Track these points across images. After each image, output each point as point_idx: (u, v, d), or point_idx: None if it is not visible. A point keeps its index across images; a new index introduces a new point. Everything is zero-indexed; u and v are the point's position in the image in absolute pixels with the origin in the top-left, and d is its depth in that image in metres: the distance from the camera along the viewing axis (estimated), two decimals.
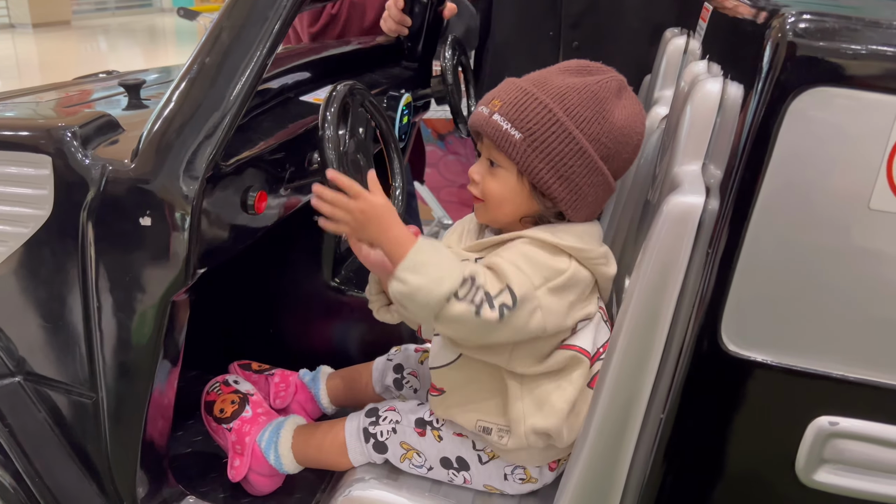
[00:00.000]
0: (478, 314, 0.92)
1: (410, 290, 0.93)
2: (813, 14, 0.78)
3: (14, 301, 1.08)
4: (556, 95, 1.00)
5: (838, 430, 0.86)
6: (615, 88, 1.03)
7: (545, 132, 0.99)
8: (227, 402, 1.33)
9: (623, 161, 1.05)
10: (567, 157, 1.00)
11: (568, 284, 0.99)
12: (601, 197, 1.05)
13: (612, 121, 1.01)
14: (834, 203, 0.80)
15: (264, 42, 0.99)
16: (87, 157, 0.99)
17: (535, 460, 1.11)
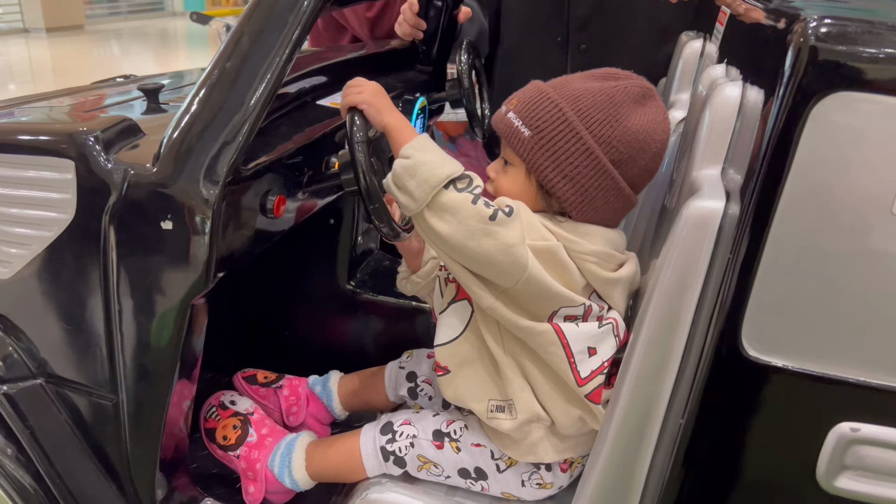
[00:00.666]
0: (474, 203, 0.94)
1: (415, 163, 0.95)
2: (834, 18, 0.78)
3: (36, 304, 1.09)
4: (571, 97, 1.01)
5: (860, 437, 0.85)
6: (636, 94, 1.02)
7: (553, 131, 1.00)
8: (228, 427, 1.31)
9: (640, 169, 1.03)
10: (573, 156, 1.00)
11: (546, 256, 0.98)
12: (613, 202, 1.04)
13: (627, 125, 1.00)
14: (856, 208, 0.80)
15: (284, 47, 0.99)
16: (109, 162, 1.00)
17: (549, 452, 1.10)
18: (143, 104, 1.37)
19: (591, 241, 1.02)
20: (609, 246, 1.05)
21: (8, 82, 7.98)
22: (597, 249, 1.02)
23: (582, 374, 1.02)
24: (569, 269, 1.01)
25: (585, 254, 1.01)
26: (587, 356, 1.02)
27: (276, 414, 1.45)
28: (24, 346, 1.12)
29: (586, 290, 1.04)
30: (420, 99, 1.60)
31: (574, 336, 1.02)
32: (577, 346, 1.02)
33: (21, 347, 1.12)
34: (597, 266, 1.02)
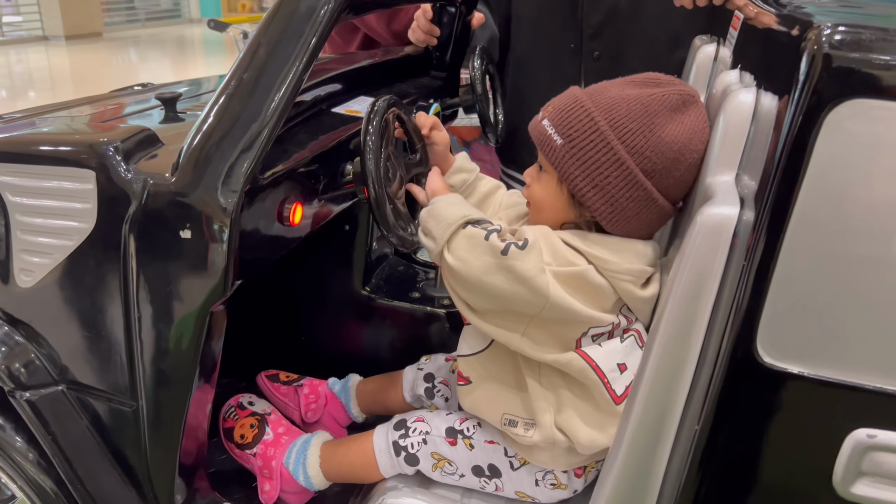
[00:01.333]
0: (486, 238, 0.97)
1: (436, 207, 1.04)
2: (848, 26, 0.78)
3: (58, 311, 1.11)
4: (605, 105, 1.01)
5: (876, 443, 0.85)
6: (675, 102, 1.01)
7: (585, 140, 1.00)
8: (245, 426, 1.34)
9: (675, 180, 1.02)
10: (604, 166, 1.00)
11: (575, 281, 0.98)
12: (646, 214, 1.02)
13: (661, 135, 0.99)
14: (871, 214, 0.80)
15: (301, 57, 1.01)
16: (129, 172, 1.02)
17: (559, 464, 1.11)
18: (160, 113, 1.39)
19: (624, 259, 1.01)
20: (643, 261, 1.03)
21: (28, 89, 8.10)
22: (631, 268, 1.01)
23: (618, 392, 1.02)
24: (601, 289, 1.00)
25: (620, 273, 1.00)
26: (619, 373, 1.03)
27: (296, 412, 1.48)
28: (46, 353, 1.14)
29: (617, 305, 1.04)
30: (434, 105, 1.61)
31: (601, 357, 1.02)
32: (607, 365, 1.02)
33: (43, 354, 1.14)
34: (632, 285, 1.01)
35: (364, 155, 1.11)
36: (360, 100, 1.52)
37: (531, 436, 1.07)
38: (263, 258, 1.12)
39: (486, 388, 1.11)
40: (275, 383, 1.51)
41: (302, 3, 1.03)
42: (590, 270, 0.99)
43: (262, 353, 1.66)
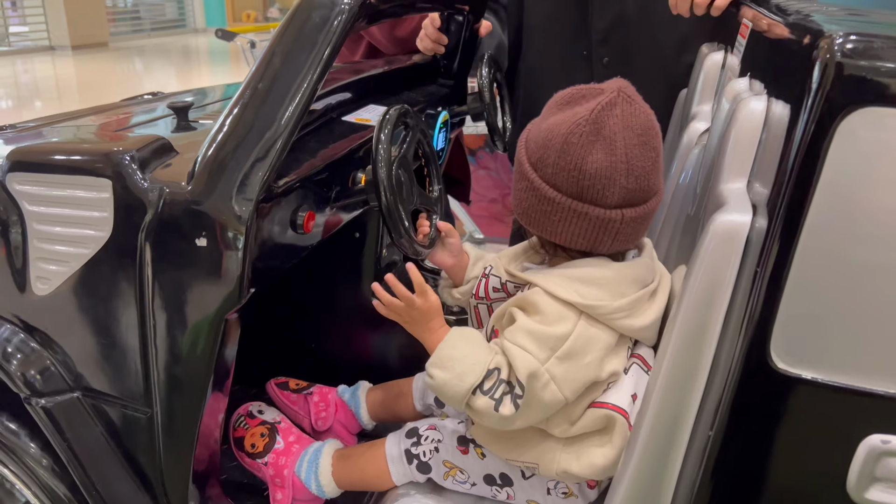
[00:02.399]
0: (497, 409, 0.99)
1: (438, 384, 1.02)
2: (860, 35, 0.78)
3: (74, 319, 1.11)
4: (530, 134, 1.04)
5: (890, 449, 0.85)
6: (565, 98, 1.01)
7: (516, 166, 1.05)
8: (256, 435, 1.34)
9: (553, 167, 0.97)
10: (522, 192, 1.03)
11: (574, 350, 0.98)
12: (553, 215, 0.99)
13: (540, 125, 1.01)
14: (884, 221, 0.80)
15: (315, 66, 1.02)
16: (145, 181, 1.03)
17: (569, 480, 1.11)
18: (173, 122, 1.40)
19: (612, 295, 1.00)
20: (636, 286, 1.02)
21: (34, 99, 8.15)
22: (620, 304, 0.99)
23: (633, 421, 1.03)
24: (600, 338, 1.00)
25: (612, 313, 1.00)
26: (633, 403, 1.03)
27: (306, 420, 1.48)
28: (62, 361, 1.15)
29: (622, 342, 1.04)
30: (443, 113, 1.62)
31: (616, 397, 1.03)
32: (623, 401, 1.03)
33: (58, 361, 1.15)
34: (627, 319, 1.01)
35: (376, 163, 1.12)
36: (369, 108, 1.53)
37: (529, 477, 1.11)
38: (276, 266, 1.13)
39: (489, 434, 1.13)
40: (284, 391, 1.51)
41: (315, 13, 1.04)
42: (583, 329, 0.99)
43: (272, 360, 1.66)
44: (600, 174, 0.95)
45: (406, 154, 1.24)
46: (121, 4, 12.71)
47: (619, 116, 0.95)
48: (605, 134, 0.95)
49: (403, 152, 1.23)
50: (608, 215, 0.97)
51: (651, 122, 0.98)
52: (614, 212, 0.97)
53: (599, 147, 0.95)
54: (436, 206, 1.33)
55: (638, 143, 0.96)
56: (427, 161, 1.35)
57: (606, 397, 1.03)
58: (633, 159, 0.95)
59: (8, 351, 1.14)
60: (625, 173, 0.95)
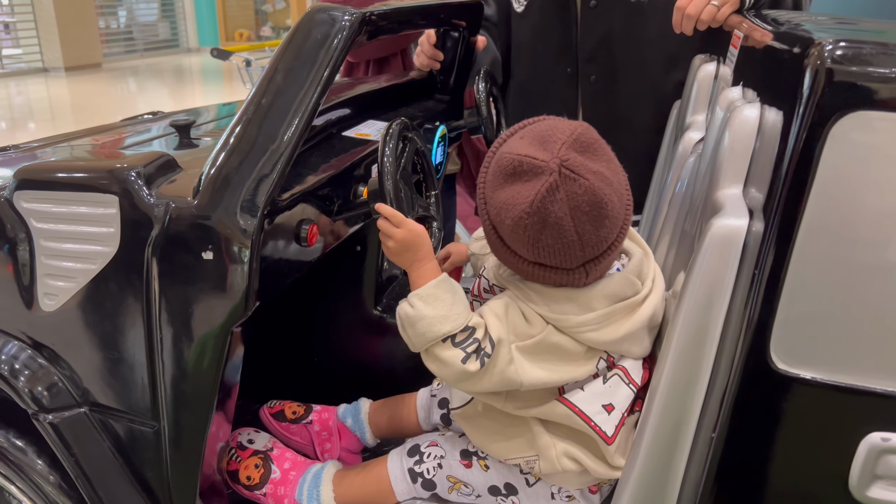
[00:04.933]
0: (464, 362, 1.00)
1: (416, 315, 1.03)
2: (849, 41, 0.81)
3: (81, 334, 1.12)
4: (486, 187, 1.04)
5: (891, 446, 0.87)
6: (516, 169, 0.97)
7: (480, 212, 1.06)
8: (250, 467, 1.31)
9: (508, 233, 0.99)
10: (489, 234, 1.05)
11: (538, 349, 1.01)
12: (552, 280, 1.01)
13: (496, 193, 1.00)
14: (877, 222, 0.82)
15: (316, 83, 1.04)
16: (151, 196, 1.04)
17: (573, 484, 1.13)
18: (175, 139, 1.42)
19: (578, 309, 1.01)
20: (608, 301, 1.02)
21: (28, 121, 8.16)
22: (584, 318, 1.00)
23: (608, 433, 1.04)
24: (563, 347, 1.02)
25: (576, 326, 1.01)
26: (606, 414, 1.04)
27: (308, 449, 1.46)
28: (69, 376, 1.16)
29: (590, 353, 1.04)
30: (440, 127, 1.65)
31: (584, 401, 1.04)
32: (591, 408, 1.04)
33: (65, 377, 1.16)
34: (593, 333, 1.01)
35: (382, 175, 1.13)
36: (368, 123, 1.55)
37: (538, 470, 1.10)
38: (281, 278, 1.15)
39: (482, 437, 1.14)
40: (282, 423, 1.48)
41: (316, 31, 1.06)
42: (549, 334, 1.01)
43: (275, 374, 1.67)
44: (555, 252, 0.97)
45: (406, 166, 1.26)
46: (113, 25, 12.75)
47: (563, 201, 0.93)
48: (552, 221, 0.94)
49: (404, 164, 1.25)
50: (572, 274, 1.00)
51: (598, 195, 0.94)
52: (577, 270, 1.00)
53: (548, 234, 0.95)
54: (434, 215, 1.35)
55: (587, 220, 0.95)
56: (424, 172, 1.36)
57: (573, 396, 1.04)
58: (586, 234, 0.96)
59: (16, 367, 1.14)
60: (579, 247, 0.97)
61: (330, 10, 1.07)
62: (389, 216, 1.09)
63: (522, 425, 1.09)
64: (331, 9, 1.07)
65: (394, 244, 1.09)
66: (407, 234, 1.08)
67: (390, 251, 1.11)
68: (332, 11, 1.07)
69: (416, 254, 1.09)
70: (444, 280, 1.06)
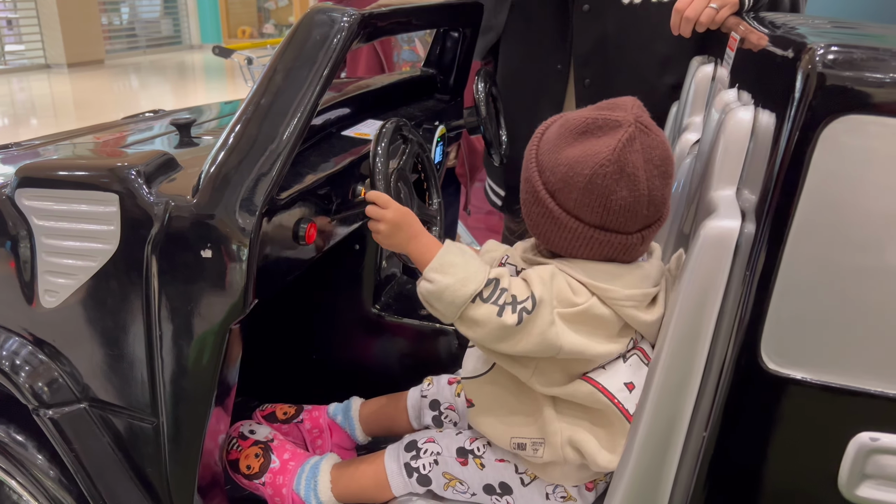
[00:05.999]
0: (500, 315, 0.98)
1: (438, 288, 1.01)
2: (841, 46, 0.82)
3: (81, 331, 1.13)
4: (541, 160, 1.04)
5: (880, 446, 0.88)
6: (585, 126, 1.00)
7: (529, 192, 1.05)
8: (250, 456, 1.32)
9: (576, 201, 0.99)
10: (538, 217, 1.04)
11: (581, 319, 1.01)
12: (606, 251, 1.02)
13: (558, 155, 1.00)
14: (867, 225, 0.83)
15: (315, 83, 1.05)
16: (151, 195, 1.05)
17: (570, 479, 1.13)
18: (176, 138, 1.43)
19: (626, 284, 1.02)
20: (647, 283, 1.04)
21: (31, 117, 8.18)
22: (632, 293, 1.02)
23: (631, 410, 1.04)
24: (605, 319, 1.02)
25: (621, 300, 1.02)
26: (628, 392, 1.05)
27: (301, 447, 1.45)
28: (69, 372, 1.17)
29: (624, 331, 1.05)
30: (439, 127, 1.66)
31: (607, 379, 1.05)
32: (614, 386, 1.04)
33: (65, 373, 1.17)
34: (635, 310, 1.03)
35: (373, 176, 1.15)
36: (368, 123, 1.56)
37: (541, 455, 1.10)
38: (280, 277, 1.16)
39: (491, 412, 1.14)
40: (274, 424, 1.49)
41: (315, 31, 1.07)
42: (593, 305, 1.01)
43: (274, 371, 1.68)
44: (625, 209, 0.98)
45: (404, 167, 1.27)
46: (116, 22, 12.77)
47: (639, 151, 0.97)
48: (629, 171, 0.97)
49: (402, 165, 1.26)
50: (629, 240, 1.01)
51: (667, 152, 1.01)
52: (635, 236, 1.02)
53: (624, 185, 0.97)
54: (435, 218, 1.36)
55: (658, 174, 0.99)
56: (426, 174, 1.38)
57: (597, 375, 1.05)
58: (654, 190, 0.99)
59: (16, 363, 1.16)
60: (647, 204, 0.99)
61: (330, 10, 1.08)
62: (375, 199, 1.10)
63: (534, 406, 1.09)
64: (330, 9, 1.09)
65: (385, 226, 1.09)
66: (395, 212, 1.09)
67: (383, 235, 1.10)
68: (332, 12, 1.08)
69: (408, 231, 1.08)
70: (449, 245, 1.05)
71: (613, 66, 1.75)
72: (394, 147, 1.24)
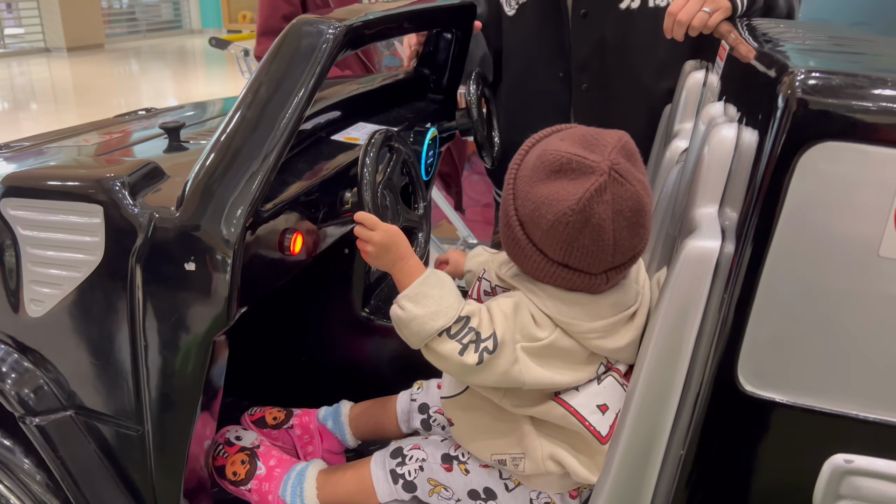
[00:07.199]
0: (461, 354, 1.00)
1: (407, 317, 1.02)
2: (821, 72, 0.82)
3: (67, 340, 1.14)
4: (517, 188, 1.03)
5: (854, 468, 0.88)
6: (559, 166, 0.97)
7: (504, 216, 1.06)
8: (236, 463, 1.33)
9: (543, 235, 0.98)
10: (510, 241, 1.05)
11: (545, 352, 1.02)
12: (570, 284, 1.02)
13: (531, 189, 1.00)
14: (845, 250, 0.83)
15: (301, 94, 1.05)
16: (135, 206, 1.05)
17: (554, 487, 1.15)
18: (164, 142, 1.43)
19: (588, 316, 1.03)
20: (615, 310, 1.04)
21: (30, 101, 8.15)
22: (595, 325, 1.02)
23: (602, 432, 1.05)
24: (571, 351, 1.04)
25: (585, 333, 1.03)
26: (601, 414, 1.06)
27: (291, 452, 1.48)
28: (54, 379, 1.18)
29: (592, 358, 1.06)
30: (431, 130, 1.65)
31: (580, 402, 1.06)
32: (586, 409, 1.05)
33: (51, 380, 1.18)
34: (601, 340, 1.04)
35: (361, 187, 1.15)
36: (358, 126, 1.56)
37: (522, 469, 1.11)
38: (265, 287, 1.16)
39: (470, 430, 1.16)
40: (263, 429, 1.50)
41: (303, 41, 1.07)
42: (557, 339, 1.02)
43: (263, 373, 1.69)
44: (587, 255, 0.98)
45: (391, 176, 1.27)
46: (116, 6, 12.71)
47: (608, 203, 0.95)
48: (594, 222, 0.95)
49: (388, 174, 1.26)
50: (594, 280, 1.01)
51: (639, 203, 0.97)
52: (599, 276, 1.01)
53: (587, 234, 0.96)
54: (421, 222, 1.37)
55: (626, 225, 0.97)
56: (411, 179, 1.38)
57: (570, 397, 1.06)
58: (621, 240, 0.97)
59: (2, 370, 1.16)
60: (611, 252, 0.98)
61: (316, 22, 1.08)
62: (363, 220, 1.10)
63: (512, 422, 1.11)
64: (317, 21, 1.08)
65: (372, 248, 1.10)
66: (383, 235, 1.09)
67: (370, 256, 1.11)
68: (319, 23, 1.08)
69: (395, 253, 1.09)
70: (430, 275, 1.06)
71: (611, 71, 1.74)
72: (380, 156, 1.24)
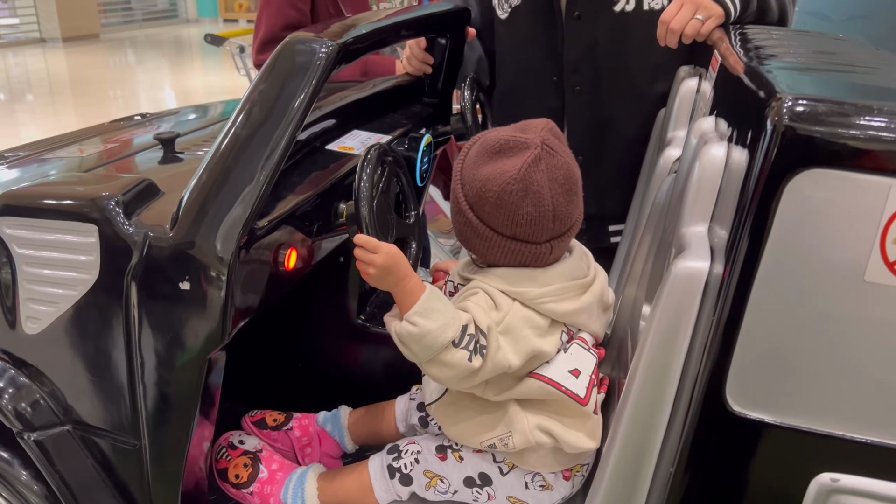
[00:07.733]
0: (469, 360, 1.05)
1: (421, 332, 1.05)
2: (808, 99, 0.82)
3: (64, 356, 1.15)
4: (464, 174, 1.14)
5: (839, 487, 0.90)
6: (499, 146, 1.10)
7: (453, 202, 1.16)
8: (239, 466, 1.35)
9: (490, 212, 1.09)
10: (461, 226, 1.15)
11: (511, 326, 1.09)
12: (520, 258, 1.12)
13: (476, 170, 1.10)
14: (832, 275, 0.84)
15: (295, 112, 1.05)
16: (130, 225, 1.06)
17: (547, 464, 1.18)
18: (159, 153, 1.43)
19: (538, 285, 1.12)
20: (563, 278, 1.13)
21: (26, 92, 8.12)
22: (544, 290, 1.11)
23: (580, 394, 1.12)
24: (531, 318, 1.11)
25: (536, 298, 1.11)
26: (574, 379, 1.12)
27: (290, 455, 1.50)
28: (51, 394, 1.19)
29: (554, 326, 1.13)
30: (426, 136, 1.65)
31: (552, 372, 1.12)
32: (559, 376, 1.12)
33: (48, 395, 1.19)
34: (553, 304, 1.12)
35: (358, 202, 1.15)
36: (353, 134, 1.56)
37: (513, 446, 1.14)
38: (260, 302, 1.17)
39: (458, 428, 1.19)
40: (263, 430, 1.52)
41: (297, 59, 1.07)
42: (514, 309, 1.10)
43: (261, 380, 1.70)
44: (531, 222, 1.08)
45: (387, 187, 1.28)
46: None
47: (544, 171, 1.07)
48: (534, 189, 1.07)
49: (383, 189, 1.26)
50: (539, 249, 1.11)
51: (570, 171, 1.11)
52: (544, 245, 1.11)
53: (529, 201, 1.07)
54: (413, 231, 1.37)
55: (562, 191, 1.09)
56: (402, 189, 1.38)
57: (543, 370, 1.12)
58: (559, 206, 1.09)
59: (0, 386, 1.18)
60: (552, 218, 1.09)
61: (309, 41, 1.08)
62: (364, 244, 1.12)
63: (498, 409, 1.15)
64: (310, 40, 1.08)
65: (374, 270, 1.11)
66: (385, 257, 1.11)
67: (372, 278, 1.12)
68: (312, 42, 1.08)
69: (397, 274, 1.11)
70: (432, 291, 1.10)
71: (604, 74, 1.74)
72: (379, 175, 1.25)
